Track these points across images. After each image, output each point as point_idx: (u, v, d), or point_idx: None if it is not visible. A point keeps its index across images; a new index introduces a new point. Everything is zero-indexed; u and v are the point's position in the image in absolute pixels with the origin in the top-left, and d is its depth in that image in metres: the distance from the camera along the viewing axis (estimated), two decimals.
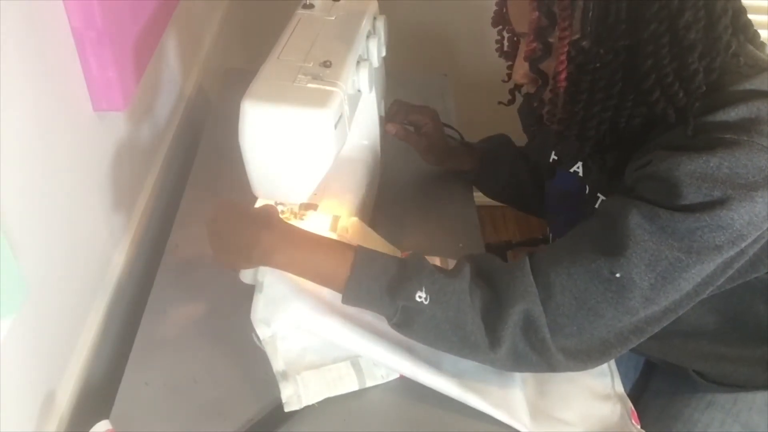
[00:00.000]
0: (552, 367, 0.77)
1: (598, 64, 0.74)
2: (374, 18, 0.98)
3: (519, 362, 0.78)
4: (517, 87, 0.94)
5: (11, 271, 0.65)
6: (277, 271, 0.85)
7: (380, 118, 1.09)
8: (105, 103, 0.88)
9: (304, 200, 0.88)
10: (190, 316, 0.93)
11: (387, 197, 1.15)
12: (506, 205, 1.26)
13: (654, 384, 1.08)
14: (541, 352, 0.76)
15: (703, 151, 0.70)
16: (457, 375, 0.83)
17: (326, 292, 0.86)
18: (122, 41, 0.87)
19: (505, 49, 0.92)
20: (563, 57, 0.75)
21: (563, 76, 0.76)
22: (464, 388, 0.82)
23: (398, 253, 0.98)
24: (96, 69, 0.84)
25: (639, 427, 0.86)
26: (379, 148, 1.12)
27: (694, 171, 0.70)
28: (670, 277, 0.72)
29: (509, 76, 0.92)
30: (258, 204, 0.95)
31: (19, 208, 0.70)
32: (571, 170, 0.96)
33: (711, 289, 0.76)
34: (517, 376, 0.86)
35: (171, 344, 0.89)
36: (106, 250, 0.97)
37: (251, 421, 0.80)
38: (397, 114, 1.13)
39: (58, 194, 0.81)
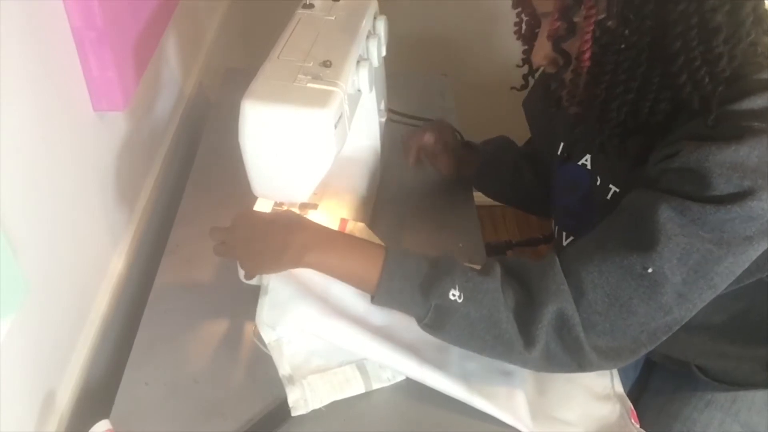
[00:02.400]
0: (582, 367, 0.77)
1: (623, 45, 0.74)
2: (374, 18, 0.98)
3: (550, 362, 0.77)
4: (531, 72, 0.93)
5: (11, 270, 0.65)
6: (282, 274, 0.85)
7: (380, 123, 1.09)
8: (105, 103, 0.88)
9: (304, 200, 0.88)
10: (190, 316, 0.93)
11: (387, 197, 1.15)
12: (509, 206, 1.26)
13: (653, 383, 1.08)
14: (573, 352, 0.75)
15: (731, 140, 0.70)
16: (463, 377, 0.83)
17: (332, 295, 0.86)
18: (122, 41, 0.87)
19: (523, 32, 0.91)
20: (588, 37, 0.75)
21: (587, 56, 0.76)
22: (470, 390, 0.82)
23: None
24: (96, 69, 0.84)
25: (638, 426, 0.86)
26: (379, 148, 1.12)
27: (724, 161, 0.69)
28: (702, 270, 0.72)
29: (524, 60, 0.92)
30: (258, 204, 0.95)
31: (20, 207, 0.70)
32: (579, 163, 0.96)
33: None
34: (518, 376, 0.86)
35: (171, 344, 0.89)
36: (106, 250, 0.97)
37: (251, 421, 0.80)
38: (410, 147, 1.13)
39: (58, 194, 0.81)
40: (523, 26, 0.91)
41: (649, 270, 0.72)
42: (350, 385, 0.83)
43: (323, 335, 0.84)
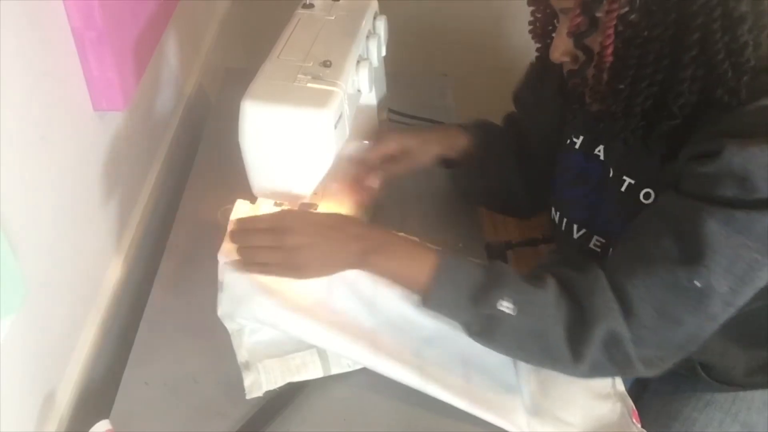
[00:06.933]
0: (624, 374, 0.78)
1: (646, 39, 0.73)
2: (374, 18, 0.98)
3: (595, 373, 0.78)
4: (546, 70, 0.91)
5: (11, 270, 0.65)
6: (237, 270, 0.85)
7: (380, 123, 1.09)
8: (105, 103, 0.88)
9: (304, 200, 0.88)
10: (189, 316, 0.93)
11: (387, 197, 1.14)
12: (482, 206, 1.18)
13: (653, 383, 1.08)
14: (621, 364, 0.76)
15: None
16: (418, 367, 0.83)
17: (286, 288, 0.86)
18: (122, 41, 0.87)
19: (539, 31, 0.90)
20: (610, 31, 0.74)
21: (609, 50, 0.76)
22: (425, 379, 0.82)
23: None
24: (96, 69, 0.84)
25: (639, 426, 0.86)
26: None
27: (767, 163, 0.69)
28: (747, 278, 0.72)
29: (538, 58, 0.91)
30: (257, 204, 0.95)
31: (19, 207, 0.70)
32: (591, 154, 0.95)
33: None
34: (516, 377, 0.86)
35: (171, 344, 0.89)
36: (106, 249, 0.97)
37: (245, 418, 0.80)
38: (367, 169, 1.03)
39: (58, 194, 0.81)
40: (537, 24, 0.90)
41: (696, 283, 0.72)
42: (307, 369, 0.84)
43: (279, 326, 0.85)
